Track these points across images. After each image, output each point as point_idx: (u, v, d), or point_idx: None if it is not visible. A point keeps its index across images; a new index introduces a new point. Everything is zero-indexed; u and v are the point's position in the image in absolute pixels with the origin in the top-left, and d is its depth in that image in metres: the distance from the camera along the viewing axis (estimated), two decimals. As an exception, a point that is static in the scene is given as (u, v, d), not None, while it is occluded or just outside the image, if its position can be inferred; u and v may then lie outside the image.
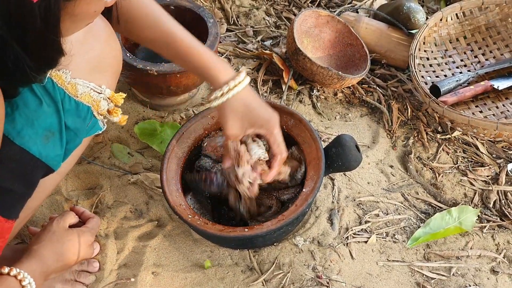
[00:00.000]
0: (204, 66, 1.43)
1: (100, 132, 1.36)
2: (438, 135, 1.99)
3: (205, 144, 1.68)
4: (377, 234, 1.72)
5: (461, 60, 2.17)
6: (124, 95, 1.36)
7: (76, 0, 0.97)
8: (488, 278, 1.66)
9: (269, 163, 1.56)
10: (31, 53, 0.99)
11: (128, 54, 1.76)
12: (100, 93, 1.29)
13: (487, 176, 1.89)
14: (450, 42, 2.19)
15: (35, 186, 1.23)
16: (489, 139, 1.96)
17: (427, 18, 2.19)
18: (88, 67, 1.27)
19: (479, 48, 2.18)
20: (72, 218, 1.50)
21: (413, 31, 2.16)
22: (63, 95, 1.22)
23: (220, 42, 2.18)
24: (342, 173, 1.83)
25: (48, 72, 1.15)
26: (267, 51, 2.16)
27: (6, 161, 1.14)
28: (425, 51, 2.14)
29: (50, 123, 1.20)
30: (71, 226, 1.49)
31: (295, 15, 2.37)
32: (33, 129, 1.17)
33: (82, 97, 1.25)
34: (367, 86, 2.13)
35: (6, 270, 1.25)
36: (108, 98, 1.32)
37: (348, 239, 1.70)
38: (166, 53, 1.46)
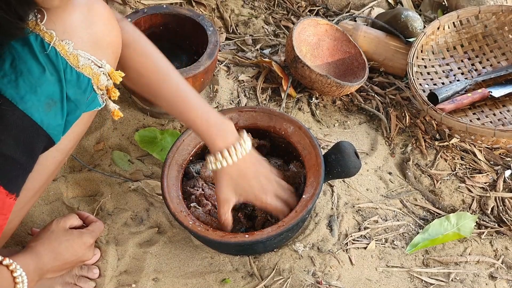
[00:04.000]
0: (202, 129, 1.47)
1: (99, 108, 1.37)
2: (436, 142, 2.00)
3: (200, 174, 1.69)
4: (376, 240, 1.73)
5: (459, 68, 2.18)
6: (123, 74, 1.37)
7: None
8: (486, 284, 1.67)
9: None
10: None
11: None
12: (100, 67, 1.30)
13: (485, 183, 1.91)
14: (448, 50, 2.21)
15: (36, 158, 1.23)
16: (487, 146, 1.97)
17: (424, 26, 2.21)
18: (90, 40, 1.28)
19: (476, 56, 2.20)
20: (75, 221, 1.51)
21: (410, 40, 2.18)
22: (66, 65, 1.23)
23: (219, 51, 2.19)
24: (341, 179, 1.84)
25: (25, 23, 1.15)
26: (266, 59, 2.17)
27: (9, 127, 1.16)
28: (422, 59, 2.16)
29: (52, 91, 1.21)
30: (74, 229, 1.50)
31: (293, 23, 2.38)
32: (36, 95, 1.18)
33: (83, 68, 1.26)
34: (365, 93, 2.14)
35: None
36: (108, 74, 1.33)
37: (347, 245, 1.71)
38: (166, 108, 1.50)
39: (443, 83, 2.13)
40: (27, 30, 1.14)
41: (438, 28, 2.17)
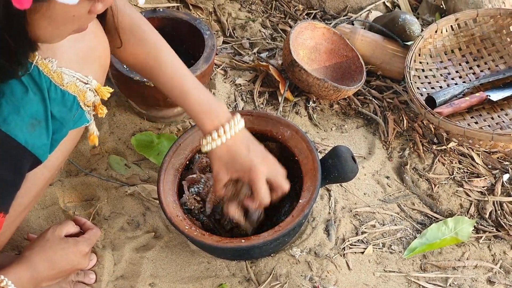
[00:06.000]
0: (194, 111, 1.46)
1: (87, 124, 1.35)
2: (434, 146, 1.99)
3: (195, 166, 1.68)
4: (373, 245, 1.73)
5: (456, 72, 2.18)
6: (111, 89, 1.36)
7: (50, 2, 0.97)
8: (484, 289, 1.67)
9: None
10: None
11: (125, 66, 1.77)
12: (86, 84, 1.28)
13: (483, 187, 1.90)
14: (445, 54, 2.20)
15: (22, 176, 1.22)
16: (485, 150, 1.97)
17: (422, 30, 2.21)
18: (75, 57, 1.26)
19: (474, 60, 2.20)
20: (71, 228, 1.50)
21: (408, 43, 2.18)
22: (49, 83, 1.21)
23: (216, 54, 2.19)
24: (338, 184, 1.84)
25: (20, 70, 1.14)
26: (263, 63, 2.17)
27: None
28: (420, 62, 2.15)
29: (36, 111, 1.19)
30: (71, 236, 1.49)
31: (291, 27, 2.38)
32: (19, 116, 1.16)
33: (68, 86, 1.24)
34: (363, 97, 2.14)
35: None
36: (95, 90, 1.32)
37: (344, 250, 1.70)
38: (163, 91, 1.50)
39: (441, 87, 2.13)
40: (21, 73, 1.13)
41: (436, 32, 2.16)
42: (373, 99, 2.13)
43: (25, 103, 1.17)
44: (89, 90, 1.29)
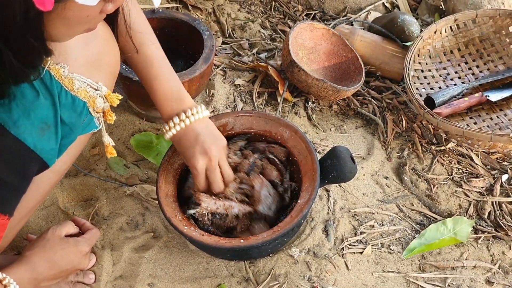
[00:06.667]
0: (156, 99, 1.51)
1: (96, 130, 1.37)
2: (433, 147, 1.99)
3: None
4: (372, 245, 1.73)
5: (456, 72, 2.18)
6: (120, 96, 1.37)
7: (66, 3, 0.97)
8: (483, 289, 1.67)
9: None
10: (14, 51, 1.00)
11: (124, 66, 1.77)
12: (96, 90, 1.30)
13: (482, 187, 1.90)
14: (445, 54, 2.20)
15: (29, 180, 1.22)
16: (484, 150, 1.97)
17: (421, 30, 2.21)
18: (86, 63, 1.27)
19: (473, 60, 2.20)
20: (71, 228, 1.50)
21: (407, 44, 2.18)
22: (60, 88, 1.22)
23: (215, 55, 2.19)
24: (337, 184, 1.84)
25: (32, 74, 1.15)
26: (263, 64, 2.17)
27: (1, 151, 1.14)
28: (419, 63, 2.15)
29: (46, 115, 1.20)
30: (71, 236, 1.49)
31: (290, 27, 2.38)
32: (29, 120, 1.17)
33: (78, 92, 1.25)
34: (362, 98, 2.14)
35: None
36: (105, 97, 1.33)
37: (343, 250, 1.70)
38: (137, 74, 1.53)
39: (440, 87, 2.13)
40: (33, 77, 1.14)
41: (435, 32, 2.16)
42: (372, 99, 2.14)
43: (35, 107, 1.18)
44: (99, 96, 1.30)
